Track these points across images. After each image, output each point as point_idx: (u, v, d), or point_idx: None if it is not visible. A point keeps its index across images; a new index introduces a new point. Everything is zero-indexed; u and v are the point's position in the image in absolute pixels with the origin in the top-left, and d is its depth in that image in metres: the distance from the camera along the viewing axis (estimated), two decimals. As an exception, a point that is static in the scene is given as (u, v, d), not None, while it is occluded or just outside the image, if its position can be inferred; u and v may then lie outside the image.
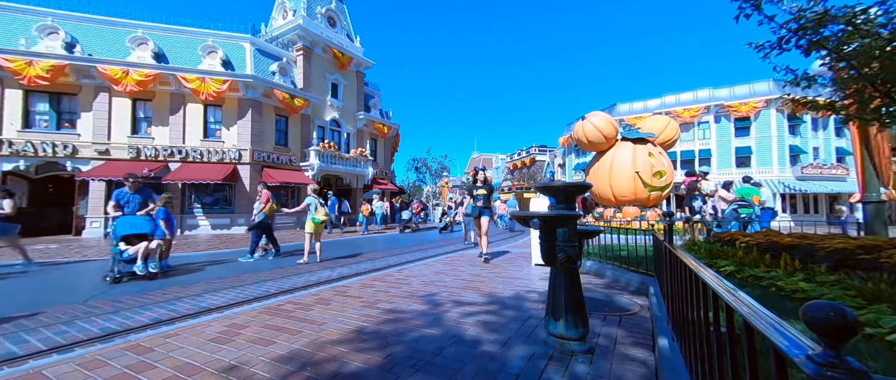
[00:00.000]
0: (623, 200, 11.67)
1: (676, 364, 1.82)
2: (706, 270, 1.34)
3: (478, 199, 6.91)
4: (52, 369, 2.16)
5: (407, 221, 16.76)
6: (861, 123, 3.96)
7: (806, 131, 27.49)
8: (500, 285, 4.47)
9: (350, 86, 22.86)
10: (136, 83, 14.53)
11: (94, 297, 4.52)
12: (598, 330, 2.78)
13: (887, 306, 2.12)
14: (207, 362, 2.24)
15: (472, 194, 7.56)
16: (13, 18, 14.45)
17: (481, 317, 3.14)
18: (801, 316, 0.58)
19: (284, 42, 19.86)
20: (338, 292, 4.10)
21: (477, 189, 7.21)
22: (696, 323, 1.44)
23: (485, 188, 6.79)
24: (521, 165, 55.41)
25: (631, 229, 5.38)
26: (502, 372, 2.11)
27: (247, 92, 16.51)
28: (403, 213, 16.98)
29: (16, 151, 13.56)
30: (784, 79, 3.44)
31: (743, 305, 0.92)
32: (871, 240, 3.23)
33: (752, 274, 3.21)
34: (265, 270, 6.52)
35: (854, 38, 2.93)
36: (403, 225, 16.66)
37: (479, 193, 6.93)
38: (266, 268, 6.71)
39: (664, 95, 31.23)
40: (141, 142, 15.23)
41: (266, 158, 17.26)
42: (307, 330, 2.83)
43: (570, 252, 2.37)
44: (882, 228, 5.19)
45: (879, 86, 3.03)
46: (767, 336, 0.74)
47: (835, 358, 0.55)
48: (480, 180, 7.02)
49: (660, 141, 12.07)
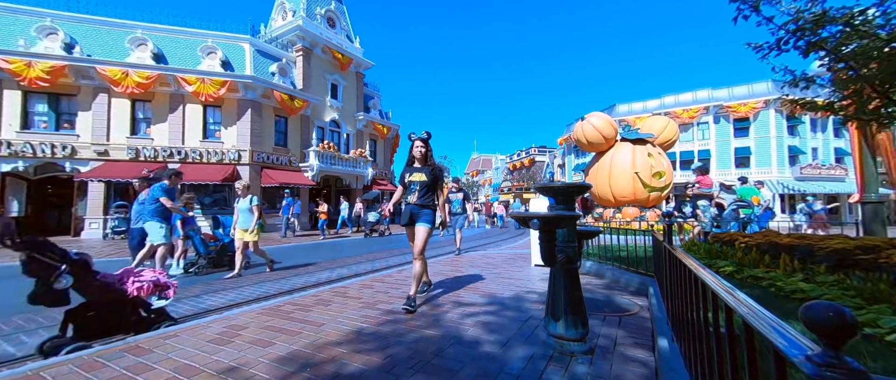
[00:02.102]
0: (622, 201, 11.68)
1: (676, 364, 1.82)
2: (705, 271, 1.34)
3: (416, 189, 3.60)
4: (51, 370, 2.16)
5: (373, 223, 14.90)
6: (860, 124, 3.97)
7: (805, 132, 27.55)
8: (499, 285, 4.47)
9: (349, 86, 22.87)
10: (136, 85, 14.52)
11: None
12: (597, 331, 2.78)
13: (886, 306, 2.12)
14: (207, 364, 2.24)
15: None
16: (12, 19, 14.43)
17: (481, 317, 3.14)
18: (800, 317, 0.58)
19: (284, 43, 19.86)
20: (337, 293, 4.09)
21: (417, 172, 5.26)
22: (696, 323, 1.44)
23: (425, 173, 3.59)
24: (520, 166, 55.43)
25: (630, 230, 5.38)
26: (502, 373, 2.10)
27: (246, 93, 16.50)
28: (369, 215, 15.01)
29: (14, 152, 13.53)
30: (783, 79, 3.45)
31: (742, 305, 0.92)
32: (869, 240, 3.24)
33: (751, 274, 3.21)
34: (197, 283, 5.57)
35: (852, 39, 2.94)
36: (370, 228, 14.89)
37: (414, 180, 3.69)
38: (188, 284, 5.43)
39: (663, 95, 31.30)
40: (140, 142, 15.21)
41: (265, 158, 17.25)
42: (307, 331, 2.83)
43: (570, 253, 2.37)
44: (880, 228, 5.20)
45: (878, 86, 3.04)
46: (767, 337, 0.74)
47: (834, 358, 0.55)
48: (417, 157, 3.69)
49: (659, 141, 12.09)
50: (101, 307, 2.87)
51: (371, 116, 23.92)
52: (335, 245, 11.54)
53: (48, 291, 2.65)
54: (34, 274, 2.65)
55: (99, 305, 2.86)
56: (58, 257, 2.69)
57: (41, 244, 2.68)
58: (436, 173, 3.66)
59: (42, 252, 2.66)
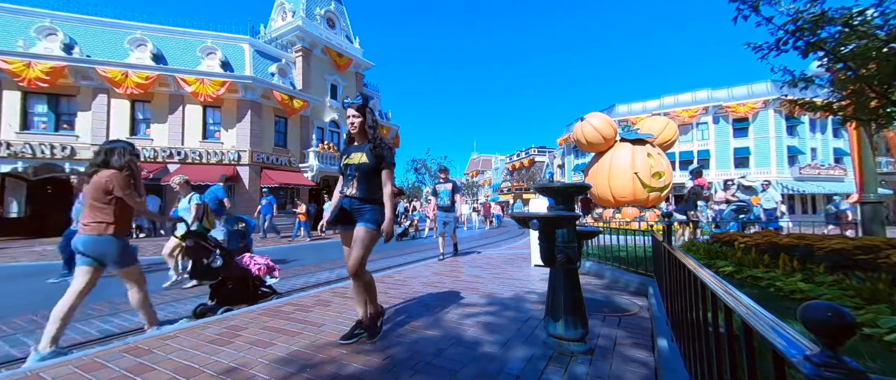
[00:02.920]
0: (622, 201, 11.68)
1: (676, 365, 1.82)
2: (705, 271, 1.34)
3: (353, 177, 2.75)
4: (50, 371, 2.16)
5: None
6: (859, 124, 3.98)
7: (804, 132, 27.60)
8: (499, 285, 4.47)
9: (349, 87, 22.88)
10: (136, 85, 14.52)
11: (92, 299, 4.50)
12: (597, 331, 2.78)
13: (885, 306, 2.12)
14: (206, 364, 2.24)
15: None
16: (12, 20, 14.43)
17: (481, 318, 3.14)
18: (799, 317, 0.58)
19: (283, 43, 19.87)
20: (337, 294, 4.09)
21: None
22: (696, 324, 1.45)
23: (365, 153, 2.62)
24: (520, 166, 55.45)
25: (630, 230, 5.39)
26: (502, 373, 2.11)
27: (246, 93, 16.50)
28: None
29: (14, 153, 13.52)
30: (782, 80, 3.46)
31: (741, 305, 0.92)
32: (868, 240, 3.24)
33: (750, 274, 3.22)
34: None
35: (851, 40, 2.94)
36: None
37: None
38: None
39: (663, 95, 31.36)
40: (139, 143, 15.20)
41: (265, 159, 17.25)
42: (306, 332, 2.83)
43: (570, 253, 2.37)
44: (879, 228, 5.21)
45: (876, 86, 3.04)
46: (766, 337, 0.74)
47: (833, 358, 0.55)
48: (354, 133, 2.80)
49: (658, 142, 12.10)
50: (235, 283, 3.80)
51: (371, 116, 23.92)
52: (320, 248, 11.45)
53: (206, 268, 3.64)
54: (196, 256, 3.66)
55: (234, 281, 3.78)
56: (213, 245, 3.71)
57: (203, 235, 3.80)
58: (379, 152, 2.59)
59: (205, 240, 3.69)
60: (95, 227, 2.77)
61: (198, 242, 3.61)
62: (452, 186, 6.86)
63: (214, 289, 3.71)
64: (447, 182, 6.90)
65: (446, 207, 6.74)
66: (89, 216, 2.80)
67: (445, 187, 6.79)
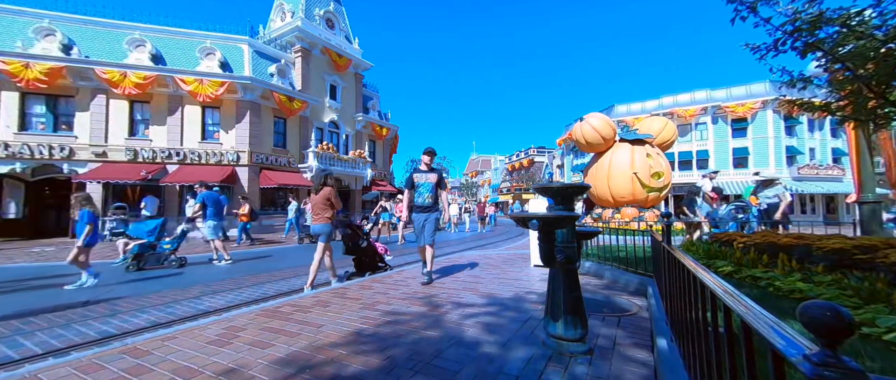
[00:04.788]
0: (621, 201, 11.69)
1: (675, 364, 1.83)
2: (704, 271, 1.34)
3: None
4: (49, 372, 2.15)
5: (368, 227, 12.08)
6: (857, 124, 3.99)
7: (802, 132, 27.64)
8: (499, 286, 4.47)
9: (348, 87, 22.87)
10: (135, 86, 14.49)
11: (92, 299, 4.50)
12: (597, 331, 2.78)
13: (883, 305, 2.13)
14: (205, 366, 2.23)
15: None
16: (10, 20, 14.39)
17: (481, 318, 3.14)
18: (798, 316, 0.58)
19: (283, 44, 19.85)
20: (336, 294, 4.09)
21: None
22: (695, 323, 1.45)
23: None
24: (519, 167, 55.46)
25: (629, 230, 5.39)
26: (502, 373, 2.11)
27: (245, 94, 16.48)
28: (307, 216, 12.05)
29: (12, 154, 13.48)
30: (780, 80, 3.46)
31: (741, 305, 0.92)
32: (867, 240, 3.25)
33: (749, 274, 3.22)
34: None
35: (849, 40, 2.95)
36: (304, 234, 12.20)
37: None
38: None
39: (662, 96, 31.35)
40: (138, 144, 15.18)
41: (264, 159, 17.22)
42: (306, 332, 2.82)
43: (569, 253, 2.37)
44: (878, 228, 5.22)
45: (874, 87, 3.05)
46: (765, 336, 0.74)
47: (831, 358, 0.55)
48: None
49: (657, 142, 12.11)
50: (369, 257, 5.76)
51: (370, 116, 23.90)
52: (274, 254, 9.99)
53: (356, 246, 5.61)
54: (348, 240, 5.61)
55: (368, 256, 5.76)
56: (360, 231, 5.73)
57: (355, 225, 5.81)
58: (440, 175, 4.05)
59: (358, 229, 5.72)
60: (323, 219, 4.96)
61: (353, 228, 5.65)
62: (437, 177, 4.96)
63: (357, 262, 5.69)
64: (430, 172, 4.94)
65: (426, 206, 4.86)
66: (319, 213, 4.97)
67: (427, 179, 4.87)
